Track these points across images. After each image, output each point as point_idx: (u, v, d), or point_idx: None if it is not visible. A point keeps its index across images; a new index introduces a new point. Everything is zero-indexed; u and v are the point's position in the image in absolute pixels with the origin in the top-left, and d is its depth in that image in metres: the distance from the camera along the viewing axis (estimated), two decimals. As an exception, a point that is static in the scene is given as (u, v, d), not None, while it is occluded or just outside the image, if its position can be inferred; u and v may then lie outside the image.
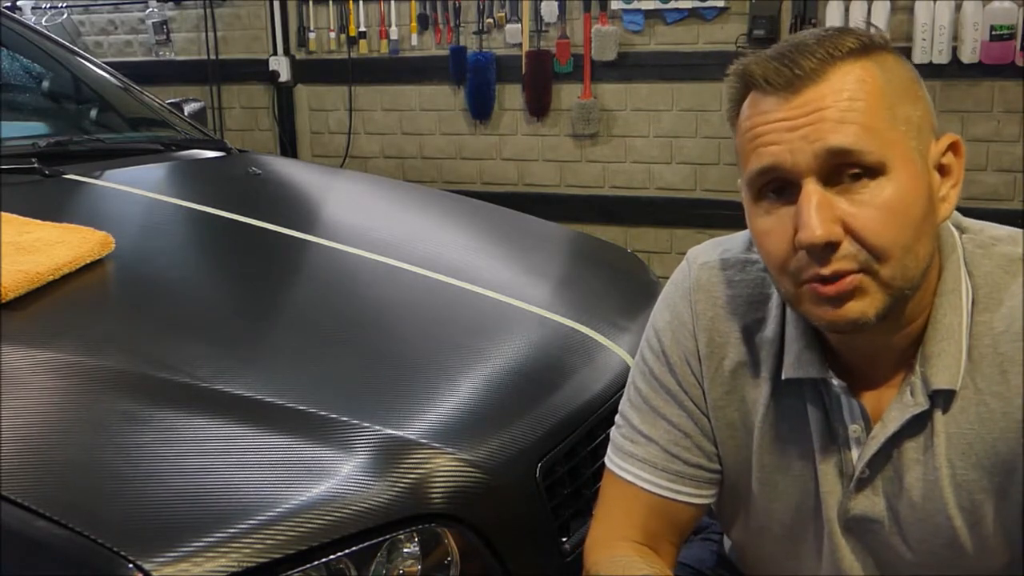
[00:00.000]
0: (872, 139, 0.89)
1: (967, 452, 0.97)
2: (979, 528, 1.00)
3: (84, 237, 1.63)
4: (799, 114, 0.90)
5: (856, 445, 1.01)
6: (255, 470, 1.18)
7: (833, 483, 1.03)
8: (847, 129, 0.89)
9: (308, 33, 4.58)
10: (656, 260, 4.02)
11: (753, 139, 0.93)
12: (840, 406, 1.02)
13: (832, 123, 0.89)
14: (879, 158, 0.89)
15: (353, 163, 4.60)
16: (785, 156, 0.90)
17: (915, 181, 0.91)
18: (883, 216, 0.89)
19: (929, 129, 0.95)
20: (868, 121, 0.89)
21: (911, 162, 0.91)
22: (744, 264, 1.08)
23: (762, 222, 0.95)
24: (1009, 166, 3.53)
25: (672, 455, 1.10)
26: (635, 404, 1.13)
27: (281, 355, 1.47)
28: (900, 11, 3.51)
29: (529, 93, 4.19)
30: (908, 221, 0.90)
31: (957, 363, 0.96)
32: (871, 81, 0.91)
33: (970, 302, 0.98)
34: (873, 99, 0.90)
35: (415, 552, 1.21)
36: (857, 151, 0.89)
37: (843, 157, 0.89)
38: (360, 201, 2.42)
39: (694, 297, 1.09)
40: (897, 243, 0.90)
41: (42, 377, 1.29)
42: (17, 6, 4.90)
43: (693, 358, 1.09)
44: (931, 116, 0.96)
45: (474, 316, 1.70)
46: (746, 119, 0.95)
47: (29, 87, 2.66)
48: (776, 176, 0.92)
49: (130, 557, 1.02)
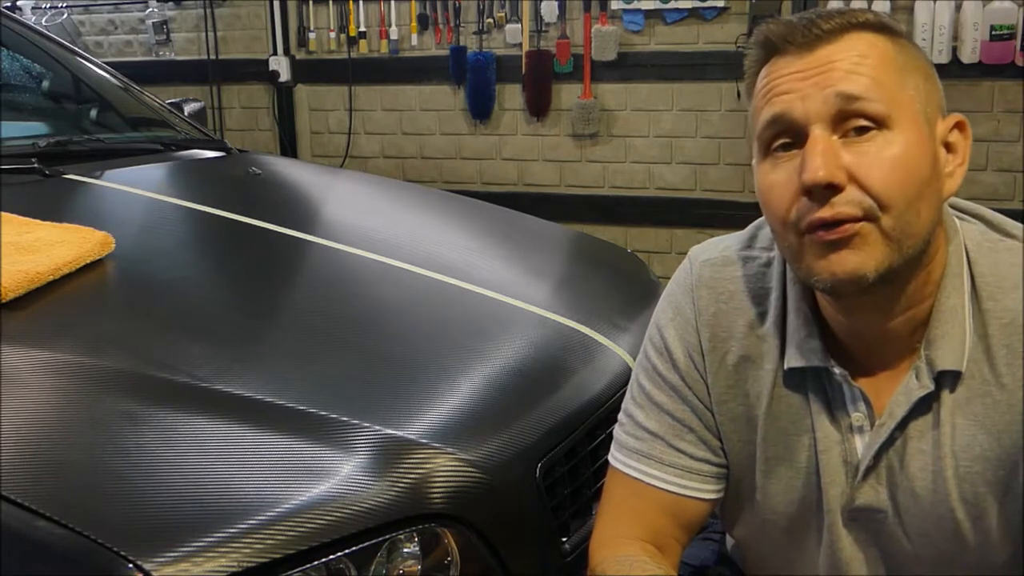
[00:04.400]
0: (880, 91, 0.92)
1: (971, 444, 0.98)
2: (981, 522, 1.00)
3: (84, 237, 1.62)
4: (812, 65, 0.94)
5: (859, 433, 1.02)
6: (255, 470, 1.18)
7: (836, 473, 1.03)
8: (857, 79, 0.92)
9: (308, 33, 4.58)
10: (656, 260, 4.02)
11: (767, 92, 0.96)
12: (842, 394, 1.02)
13: (843, 72, 0.92)
14: (886, 110, 0.92)
15: (353, 163, 4.60)
16: (796, 103, 0.93)
17: (921, 143, 0.94)
18: (888, 166, 0.91)
19: (937, 105, 0.98)
20: (878, 76, 0.93)
21: (917, 125, 0.94)
22: (745, 260, 1.09)
23: (768, 177, 0.97)
24: (1009, 166, 3.53)
25: (678, 450, 1.10)
26: (639, 401, 1.13)
27: (281, 355, 1.47)
28: (900, 11, 3.51)
29: (529, 93, 4.19)
30: (912, 176, 0.92)
31: (962, 344, 0.97)
32: (883, 47, 0.95)
33: (969, 287, 0.98)
34: (884, 61, 0.94)
35: (415, 552, 1.21)
36: (865, 98, 0.92)
37: (851, 103, 0.92)
38: (360, 201, 2.42)
39: (696, 293, 1.10)
40: (900, 194, 0.92)
41: (42, 377, 1.29)
42: (17, 6, 4.90)
43: (696, 353, 1.09)
44: (940, 96, 0.99)
45: (474, 316, 1.70)
46: (763, 78, 0.98)
47: (29, 87, 2.66)
48: (785, 126, 0.94)
49: (130, 557, 1.02)
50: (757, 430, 1.07)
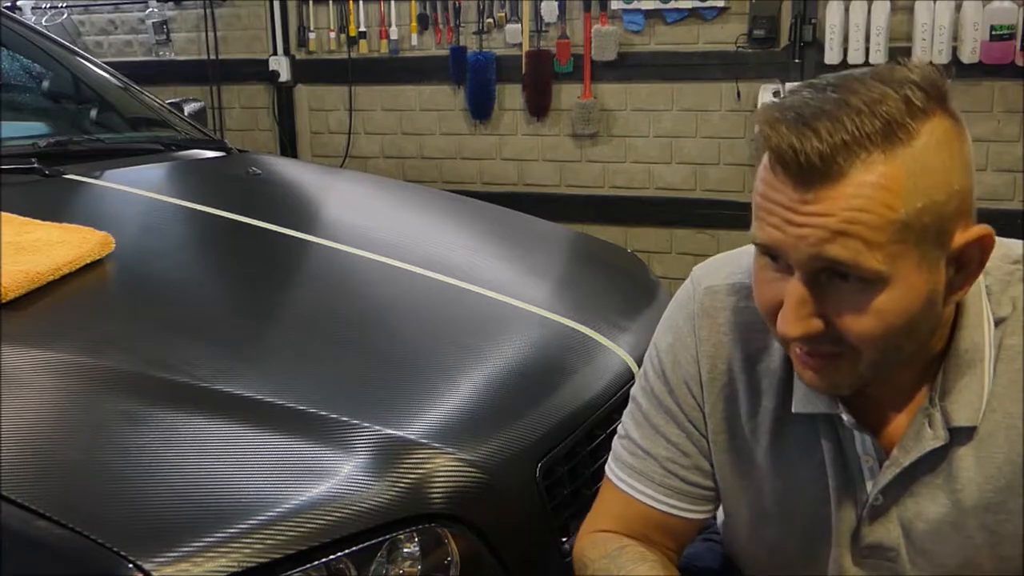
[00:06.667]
0: (872, 254, 0.84)
1: (995, 475, 0.96)
2: (999, 548, 0.99)
3: (84, 237, 1.63)
4: (804, 212, 0.85)
5: (870, 475, 1.00)
6: (255, 470, 1.18)
7: (846, 511, 1.02)
8: (847, 242, 0.84)
9: (308, 33, 4.58)
10: (656, 260, 4.02)
11: (760, 208, 0.89)
12: (852, 438, 1.00)
13: (833, 233, 0.84)
14: (876, 272, 0.85)
15: (353, 163, 4.60)
16: (782, 245, 0.87)
17: (916, 287, 0.87)
18: (869, 319, 0.87)
19: (956, 218, 0.87)
20: (873, 236, 0.84)
21: (915, 269, 0.86)
22: (750, 291, 1.04)
23: (759, 272, 0.94)
24: (1009, 166, 3.53)
25: (669, 472, 1.10)
26: (636, 420, 1.13)
27: (281, 355, 1.47)
28: (900, 11, 3.51)
29: (529, 93, 4.19)
30: (898, 325, 0.87)
31: (979, 399, 0.95)
32: (891, 186, 0.83)
33: (992, 329, 0.96)
34: (886, 210, 0.83)
35: (415, 552, 1.21)
36: (853, 265, 0.84)
37: (837, 266, 0.85)
38: (360, 201, 2.42)
39: (698, 323, 1.08)
40: (880, 344, 0.88)
41: (42, 377, 1.29)
42: (17, 6, 4.90)
43: (694, 383, 1.08)
44: (965, 200, 0.88)
45: (474, 316, 1.70)
46: (760, 180, 0.90)
47: (29, 87, 2.66)
48: (773, 254, 0.90)
49: (130, 557, 1.02)
50: (755, 465, 1.06)
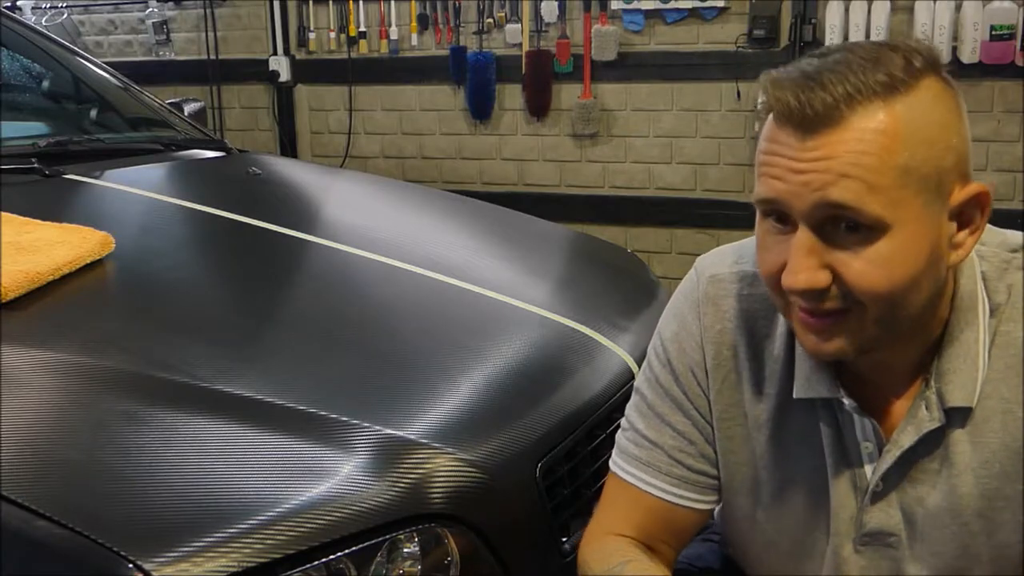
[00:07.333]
0: (875, 198, 0.86)
1: (990, 460, 0.97)
2: (996, 536, 1.00)
3: (84, 237, 1.63)
4: (807, 158, 0.87)
5: (869, 460, 1.01)
6: (255, 470, 1.18)
7: (846, 497, 1.03)
8: (850, 184, 0.85)
9: (308, 33, 4.58)
10: (656, 260, 4.02)
11: (763, 164, 0.91)
12: (852, 423, 1.01)
13: (836, 175, 0.85)
14: (879, 217, 0.86)
15: (353, 163, 4.60)
16: (786, 196, 0.89)
17: (918, 238, 0.88)
18: (875, 269, 0.88)
19: (955, 173, 0.90)
20: (875, 179, 0.85)
21: (917, 219, 0.88)
22: (754, 278, 1.06)
23: (763, 237, 0.95)
24: (1009, 166, 3.53)
25: (676, 460, 1.10)
26: (641, 411, 1.13)
27: (281, 355, 1.47)
28: (900, 11, 3.51)
29: (529, 93, 4.19)
30: (903, 276, 0.88)
31: (973, 380, 0.96)
32: (891, 131, 0.86)
33: (987, 315, 0.97)
34: (887, 154, 0.85)
35: (415, 552, 1.21)
36: (856, 208, 0.86)
37: (841, 211, 0.86)
38: (360, 201, 2.42)
39: (702, 310, 1.08)
40: (886, 296, 0.89)
41: (42, 377, 1.29)
42: (17, 6, 4.90)
43: (699, 370, 1.09)
44: (961, 159, 0.90)
45: (474, 316, 1.70)
46: (763, 138, 0.92)
47: (29, 87, 2.66)
48: (776, 210, 0.91)
49: (130, 557, 1.03)
50: (758, 452, 1.07)
